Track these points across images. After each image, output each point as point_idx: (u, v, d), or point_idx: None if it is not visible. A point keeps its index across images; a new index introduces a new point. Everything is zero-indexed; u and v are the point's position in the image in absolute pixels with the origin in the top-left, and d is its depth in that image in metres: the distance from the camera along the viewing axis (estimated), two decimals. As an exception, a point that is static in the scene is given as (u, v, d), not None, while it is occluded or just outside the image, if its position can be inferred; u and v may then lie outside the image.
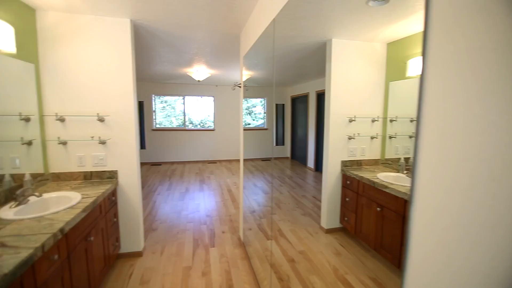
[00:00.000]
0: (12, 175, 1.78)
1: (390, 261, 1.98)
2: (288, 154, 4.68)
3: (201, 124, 7.75)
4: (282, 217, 3.11)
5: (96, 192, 1.93)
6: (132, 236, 2.45)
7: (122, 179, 2.35)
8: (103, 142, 2.25)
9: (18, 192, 1.63)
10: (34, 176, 1.97)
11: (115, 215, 2.30)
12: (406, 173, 1.89)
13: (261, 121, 7.61)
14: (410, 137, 1.90)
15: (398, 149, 2.25)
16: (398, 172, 2.07)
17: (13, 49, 1.70)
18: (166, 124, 7.49)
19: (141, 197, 2.49)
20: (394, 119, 2.24)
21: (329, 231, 2.81)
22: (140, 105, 6.84)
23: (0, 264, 1.02)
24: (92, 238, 1.77)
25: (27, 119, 1.96)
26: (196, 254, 2.53)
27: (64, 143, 2.19)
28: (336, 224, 2.78)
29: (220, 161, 7.42)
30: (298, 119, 4.40)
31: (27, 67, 1.97)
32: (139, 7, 2.02)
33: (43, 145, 2.14)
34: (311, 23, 1.80)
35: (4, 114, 1.76)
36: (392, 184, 1.94)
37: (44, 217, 1.47)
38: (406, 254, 0.61)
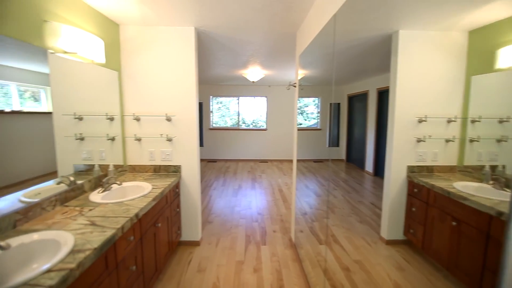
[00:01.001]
0: (100, 166, 2.13)
1: (468, 285, 1.69)
2: (343, 156, 4.43)
3: (254, 124, 7.94)
4: (336, 222, 2.97)
5: (163, 183, 2.16)
6: (191, 226, 2.67)
7: (184, 173, 2.57)
8: (169, 139, 2.51)
9: (104, 180, 1.94)
10: (116, 167, 2.31)
11: (178, 205, 2.53)
12: (492, 184, 1.59)
13: (313, 121, 7.41)
14: (499, 141, 1.58)
15: (482, 155, 1.89)
16: (481, 182, 1.75)
17: (102, 60, 2.02)
18: (221, 123, 7.92)
19: (200, 191, 2.68)
20: (477, 119, 1.89)
21: (390, 242, 2.57)
22: (200, 106, 7.39)
23: (91, 239, 1.22)
24: (159, 225, 1.99)
25: (111, 119, 2.32)
26: (248, 250, 2.61)
27: (139, 139, 2.51)
28: (399, 235, 2.52)
29: (271, 160, 7.49)
30: (355, 119, 4.12)
31: (112, 74, 2.33)
32: (203, 15, 2.17)
33: (123, 141, 2.50)
34: (375, 15, 1.67)
35: (95, 114, 2.12)
36: (474, 195, 1.65)
37: (123, 203, 1.71)
38: (501, 284, 0.51)
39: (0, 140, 1.35)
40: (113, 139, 2.33)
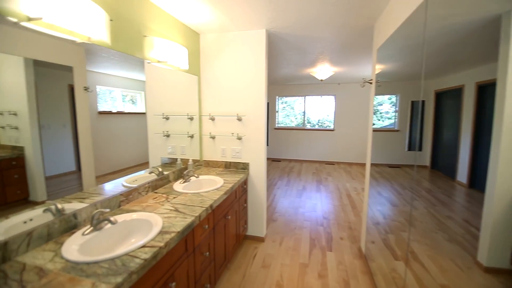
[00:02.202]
0: (181, 160, 2.41)
1: None
2: (427, 163, 3.83)
3: (319, 124, 7.67)
4: (417, 237, 2.58)
5: (233, 179, 2.30)
6: (257, 222, 2.76)
7: (252, 170, 2.68)
8: (239, 138, 2.65)
9: (185, 172, 2.19)
10: (194, 161, 2.58)
11: (245, 201, 2.66)
12: None
13: (388, 121, 6.65)
14: None
15: None
16: None
17: (186, 67, 2.27)
18: (286, 123, 7.93)
19: (266, 189, 2.75)
20: None
21: (491, 270, 2.08)
22: (266, 106, 7.58)
23: (175, 223, 1.39)
24: (229, 217, 2.12)
25: (191, 118, 2.60)
26: (312, 253, 2.54)
27: (213, 137, 2.75)
28: (504, 263, 2.01)
29: (338, 163, 7.09)
30: (444, 119, 3.50)
31: (193, 79, 2.60)
32: (274, 17, 2.21)
33: (200, 138, 2.77)
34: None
35: (179, 115, 2.41)
36: None
37: (200, 194, 1.89)
38: None
39: (109, 135, 1.68)
40: (192, 136, 2.61)
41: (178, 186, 2.05)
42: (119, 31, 1.62)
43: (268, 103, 7.55)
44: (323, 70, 4.74)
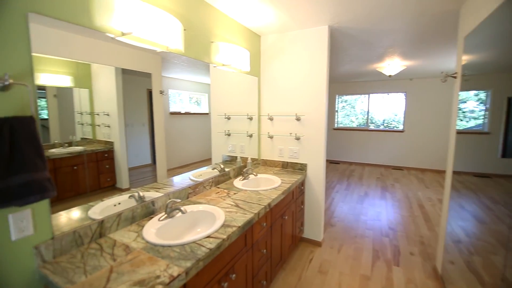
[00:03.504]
0: (241, 158, 2.51)
1: None
2: (530, 172, 3.07)
3: (385, 124, 6.97)
4: (515, 263, 2.10)
5: (290, 179, 2.28)
6: (313, 225, 2.68)
7: (310, 171, 2.61)
8: (297, 138, 2.61)
9: (244, 170, 2.28)
10: (252, 160, 2.66)
11: (302, 202, 2.60)
12: None
13: (473, 122, 5.58)
14: None
15: None
16: None
17: (248, 68, 2.35)
18: (345, 123, 7.46)
19: (324, 191, 2.64)
20: None
21: None
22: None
23: (236, 218, 1.45)
24: (286, 217, 2.11)
25: (250, 118, 2.68)
26: (375, 266, 2.33)
27: (271, 137, 2.78)
28: None
29: (408, 168, 6.32)
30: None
31: (253, 80, 2.68)
32: (338, 11, 2.10)
33: (258, 137, 2.84)
34: None
35: (239, 115, 2.52)
36: None
37: (258, 192, 1.94)
38: None
39: (177, 133, 1.87)
40: (251, 136, 2.69)
41: (238, 182, 2.15)
42: (191, 39, 1.78)
43: (327, 102, 7.24)
44: (392, 65, 4.30)
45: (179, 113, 1.89)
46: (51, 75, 1.09)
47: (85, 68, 1.24)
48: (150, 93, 1.59)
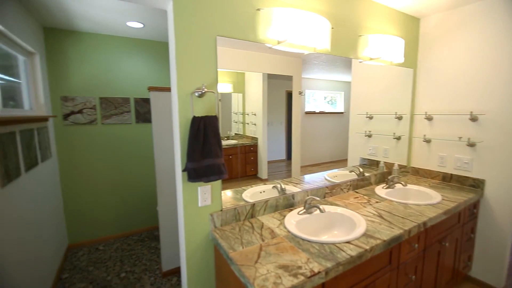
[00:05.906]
0: (384, 163, 2.22)
1: None
2: None
3: None
4: None
5: (456, 197, 1.77)
6: (489, 264, 1.96)
7: (489, 191, 1.92)
8: (471, 145, 1.98)
9: (389, 177, 1.99)
10: (400, 166, 2.29)
11: (472, 230, 1.97)
12: None
13: None
14: None
15: None
16: None
17: (401, 60, 2.02)
18: None
19: (513, 222, 1.86)
20: None
21: None
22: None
23: (380, 230, 1.29)
24: (446, 244, 1.67)
25: (399, 118, 2.30)
26: None
27: (428, 141, 2.26)
28: None
29: None
30: None
31: (406, 73, 2.28)
32: None
33: (409, 141, 2.39)
34: None
35: (384, 114, 2.22)
36: None
37: (408, 205, 1.64)
38: None
39: (312, 132, 1.89)
40: (399, 138, 2.31)
41: (380, 190, 1.91)
42: (338, 36, 1.74)
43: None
44: None
45: (313, 113, 1.91)
46: (220, 84, 1.39)
47: (241, 76, 1.51)
48: (288, 94, 1.72)
